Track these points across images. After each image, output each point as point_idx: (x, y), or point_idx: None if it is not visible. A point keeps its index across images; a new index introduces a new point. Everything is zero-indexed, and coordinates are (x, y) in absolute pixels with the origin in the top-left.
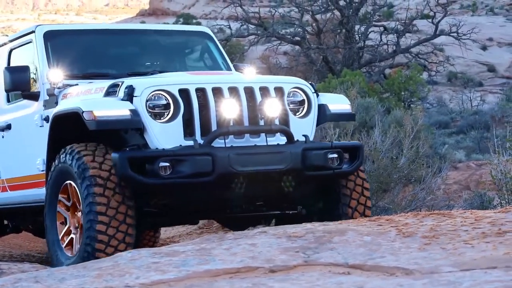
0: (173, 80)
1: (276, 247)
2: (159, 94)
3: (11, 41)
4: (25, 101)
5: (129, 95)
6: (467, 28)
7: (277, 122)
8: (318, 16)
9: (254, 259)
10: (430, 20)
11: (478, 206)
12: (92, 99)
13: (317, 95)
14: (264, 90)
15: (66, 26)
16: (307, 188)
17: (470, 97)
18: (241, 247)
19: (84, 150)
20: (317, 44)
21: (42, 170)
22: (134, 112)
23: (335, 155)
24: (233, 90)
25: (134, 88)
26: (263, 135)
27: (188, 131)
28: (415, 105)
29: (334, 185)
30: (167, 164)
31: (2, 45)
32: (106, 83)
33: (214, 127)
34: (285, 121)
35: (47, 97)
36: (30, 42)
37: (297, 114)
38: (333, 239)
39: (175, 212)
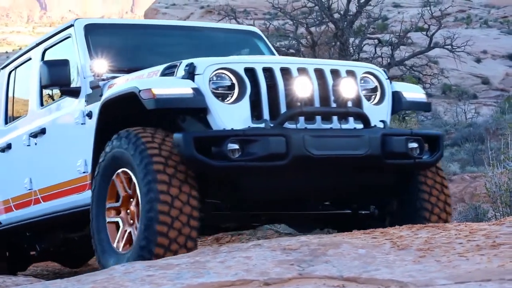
0: (238, 59)
1: (271, 260)
2: (223, 73)
3: (43, 41)
4: (63, 101)
5: (190, 73)
6: (461, 41)
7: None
8: (312, 29)
9: (248, 272)
10: (424, 32)
11: (472, 218)
12: (148, 79)
13: (390, 82)
14: (335, 74)
15: (106, 20)
16: (384, 180)
17: (464, 110)
18: (235, 260)
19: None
20: (312, 56)
21: (84, 172)
22: (197, 90)
23: (415, 144)
24: (302, 71)
25: (195, 66)
26: (335, 120)
27: (255, 113)
28: (409, 117)
29: (412, 181)
30: (236, 146)
31: (34, 46)
32: (160, 67)
33: (283, 109)
34: (358, 106)
35: (90, 91)
36: (68, 37)
37: (370, 101)
38: (328, 251)
39: (240, 205)
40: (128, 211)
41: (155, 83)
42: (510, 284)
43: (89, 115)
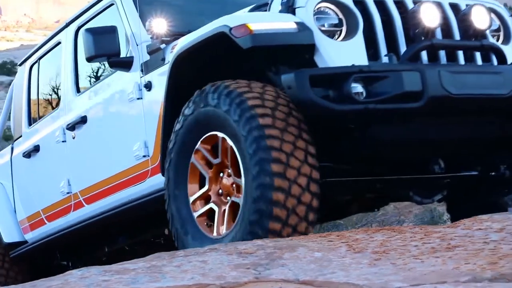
0: None
1: (227, 264)
2: (328, 7)
3: (74, 19)
4: (106, 80)
5: (289, 7)
6: None
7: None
8: None
9: (205, 276)
10: None
11: (428, 221)
12: (240, 15)
13: None
14: (454, 8)
15: None
16: None
17: None
18: (192, 264)
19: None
20: None
21: (144, 156)
22: (302, 25)
23: None
24: (419, 3)
25: None
26: (461, 57)
27: (370, 52)
28: None
29: None
30: (360, 85)
31: (63, 28)
32: (242, 10)
33: (402, 46)
34: None
35: (147, 57)
36: (110, 5)
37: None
38: (284, 255)
39: (359, 167)
40: (220, 190)
41: (249, 18)
42: (465, 286)
43: (148, 86)
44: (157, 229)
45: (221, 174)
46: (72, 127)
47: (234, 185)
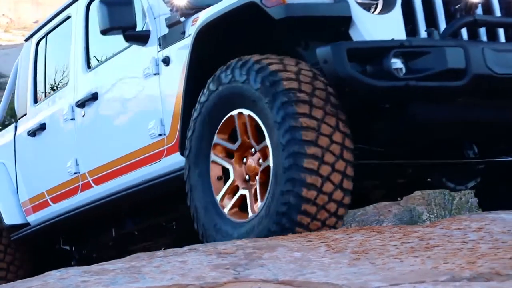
0: None
1: (207, 264)
2: None
3: None
4: (120, 55)
5: None
6: None
7: None
8: None
9: (184, 276)
10: None
11: (407, 221)
12: None
13: None
14: None
15: None
16: None
17: None
18: (171, 264)
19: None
20: None
21: (160, 135)
22: None
23: None
24: None
25: None
26: (502, 35)
27: (408, 27)
28: None
29: None
30: (399, 60)
31: (73, 2)
32: None
33: (442, 22)
34: None
35: (166, 31)
36: None
37: None
38: (263, 255)
39: (394, 149)
40: (246, 175)
41: None
42: (444, 285)
43: (166, 61)
44: (170, 213)
45: (244, 160)
46: (81, 104)
47: (260, 160)
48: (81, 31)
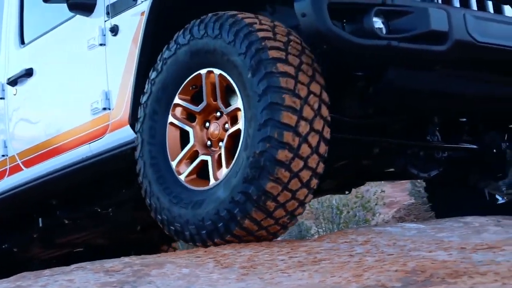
0: None
1: (94, 282)
2: None
3: None
4: (62, 28)
5: None
6: None
7: None
8: None
9: None
10: None
11: (296, 235)
12: None
13: None
14: None
15: None
16: None
17: None
18: (58, 283)
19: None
20: None
21: (105, 109)
22: None
23: None
24: None
25: None
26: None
27: None
28: None
29: None
30: (380, 20)
31: None
32: None
33: None
34: None
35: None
36: None
37: None
38: (151, 272)
39: (368, 119)
40: (208, 140)
41: None
42: None
43: (114, 30)
44: (108, 198)
45: (207, 124)
46: (13, 81)
47: (227, 125)
48: (15, 3)
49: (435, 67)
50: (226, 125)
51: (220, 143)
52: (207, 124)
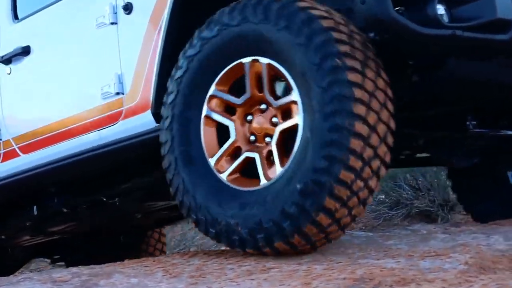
0: None
1: None
2: None
3: None
4: (66, 3)
5: None
6: None
7: None
8: None
9: None
10: None
11: None
12: None
13: None
14: None
15: None
16: None
17: None
18: None
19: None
20: None
21: (118, 93)
22: None
23: None
24: None
25: None
26: None
27: None
28: None
29: None
30: (443, 7)
31: None
32: None
33: None
34: None
35: None
36: None
37: None
38: (100, 282)
39: (419, 115)
40: (252, 135)
41: None
42: None
43: (128, 8)
44: (117, 187)
45: (249, 118)
46: (7, 60)
47: (274, 119)
48: None
49: (497, 57)
50: (274, 119)
51: (267, 139)
52: (249, 117)
